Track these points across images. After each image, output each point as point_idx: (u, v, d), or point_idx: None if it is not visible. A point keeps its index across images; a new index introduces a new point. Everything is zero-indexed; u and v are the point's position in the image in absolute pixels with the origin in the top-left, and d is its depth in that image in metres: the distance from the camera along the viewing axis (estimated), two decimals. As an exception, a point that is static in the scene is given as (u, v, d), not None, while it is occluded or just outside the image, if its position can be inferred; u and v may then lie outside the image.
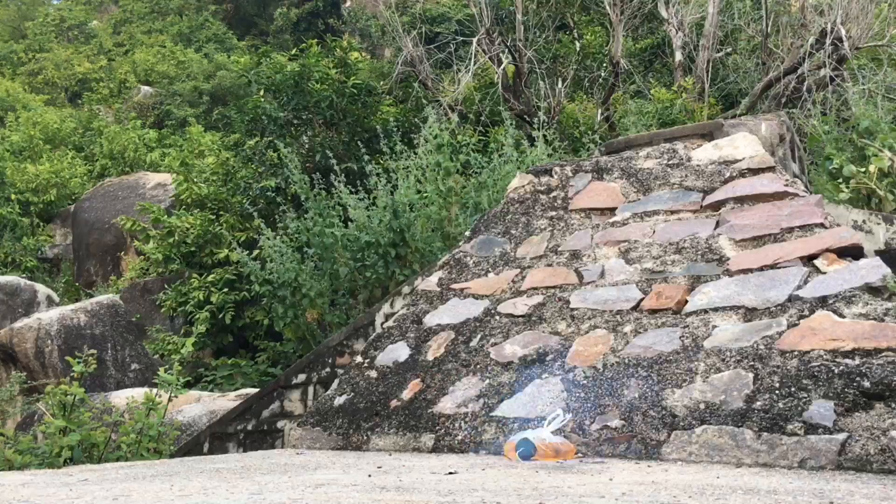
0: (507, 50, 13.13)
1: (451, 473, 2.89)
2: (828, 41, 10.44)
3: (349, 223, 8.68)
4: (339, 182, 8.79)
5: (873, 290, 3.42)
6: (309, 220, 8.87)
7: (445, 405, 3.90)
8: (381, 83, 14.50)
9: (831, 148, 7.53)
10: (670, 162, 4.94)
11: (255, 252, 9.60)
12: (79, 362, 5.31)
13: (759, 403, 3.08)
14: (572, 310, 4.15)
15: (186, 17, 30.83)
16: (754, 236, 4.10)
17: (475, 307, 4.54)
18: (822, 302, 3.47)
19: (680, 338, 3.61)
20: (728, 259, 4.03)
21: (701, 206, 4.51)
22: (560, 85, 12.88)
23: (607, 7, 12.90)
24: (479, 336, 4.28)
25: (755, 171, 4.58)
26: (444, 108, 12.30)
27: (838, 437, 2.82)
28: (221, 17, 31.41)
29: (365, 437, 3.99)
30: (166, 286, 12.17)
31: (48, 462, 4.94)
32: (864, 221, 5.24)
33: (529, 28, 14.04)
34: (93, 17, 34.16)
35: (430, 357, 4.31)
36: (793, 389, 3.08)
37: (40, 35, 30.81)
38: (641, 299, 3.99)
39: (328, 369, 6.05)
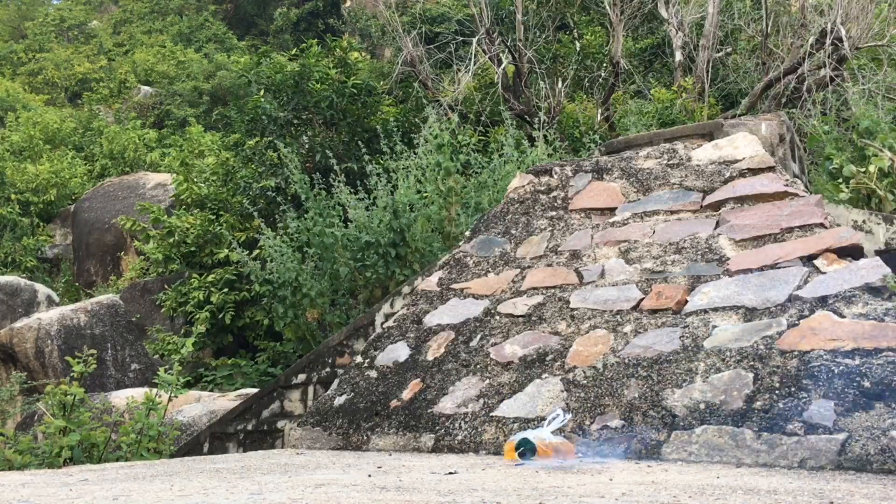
0: (507, 50, 13.13)
1: (451, 473, 2.89)
2: (828, 41, 10.44)
3: (349, 223, 8.68)
4: (339, 182, 8.79)
5: (873, 290, 3.42)
6: (309, 220, 8.86)
7: (445, 405, 3.90)
8: (381, 83, 14.50)
9: (831, 148, 7.53)
10: (670, 162, 4.94)
11: (255, 252, 9.60)
12: (79, 362, 5.31)
13: (759, 403, 3.08)
14: (572, 310, 4.15)
15: (186, 17, 30.84)
16: (754, 236, 4.10)
17: (475, 307, 4.54)
18: (822, 302, 3.47)
19: (680, 338, 3.61)
20: (728, 259, 4.03)
21: (701, 206, 4.52)
22: (560, 85, 12.88)
23: (607, 7, 12.90)
24: (479, 336, 4.28)
25: (755, 171, 4.58)
26: (444, 108, 12.29)
27: (838, 437, 2.82)
28: (221, 17, 31.42)
29: (365, 437, 3.99)
30: (166, 286, 12.17)
31: (48, 462, 4.94)
32: (864, 221, 5.24)
33: (529, 28, 14.04)
34: (93, 17, 34.18)
35: (430, 357, 4.31)
36: (793, 389, 3.08)
37: (40, 35, 30.83)
38: (641, 299, 3.99)
39: (328, 369, 6.05)
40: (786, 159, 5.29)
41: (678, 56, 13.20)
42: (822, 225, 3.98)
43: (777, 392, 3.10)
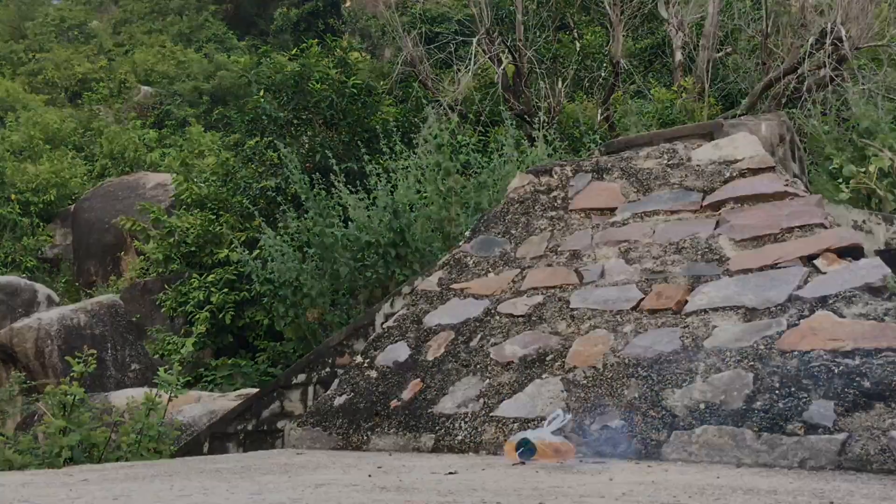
0: (507, 50, 13.14)
1: (451, 473, 2.89)
2: (828, 41, 10.44)
3: (349, 223, 8.68)
4: (339, 182, 8.79)
5: (873, 290, 3.42)
6: (309, 220, 8.86)
7: (445, 405, 3.90)
8: (381, 83, 14.51)
9: (831, 148, 7.54)
10: (670, 162, 4.94)
11: (256, 252, 9.60)
12: (79, 362, 5.31)
13: (759, 403, 3.08)
14: (572, 310, 4.15)
15: (186, 17, 30.86)
16: (754, 236, 4.10)
17: (475, 307, 4.54)
18: (822, 302, 3.47)
19: (680, 338, 3.61)
20: (728, 259, 4.03)
21: (701, 206, 4.51)
22: (560, 85, 12.88)
23: (607, 7, 12.90)
24: (479, 336, 4.28)
25: (755, 172, 4.57)
26: (444, 108, 12.29)
27: (838, 437, 2.82)
28: (221, 17, 31.43)
29: (365, 437, 3.99)
30: (166, 286, 12.16)
31: (48, 462, 4.93)
32: (864, 221, 5.25)
33: (529, 28, 14.04)
34: (93, 17, 34.18)
35: (430, 357, 4.31)
36: (793, 389, 3.08)
37: (40, 35, 30.82)
38: (641, 299, 3.99)
39: (328, 369, 6.05)
40: (786, 159, 5.29)
41: (678, 56, 13.21)
42: (822, 225, 3.98)
43: (777, 392, 3.10)
